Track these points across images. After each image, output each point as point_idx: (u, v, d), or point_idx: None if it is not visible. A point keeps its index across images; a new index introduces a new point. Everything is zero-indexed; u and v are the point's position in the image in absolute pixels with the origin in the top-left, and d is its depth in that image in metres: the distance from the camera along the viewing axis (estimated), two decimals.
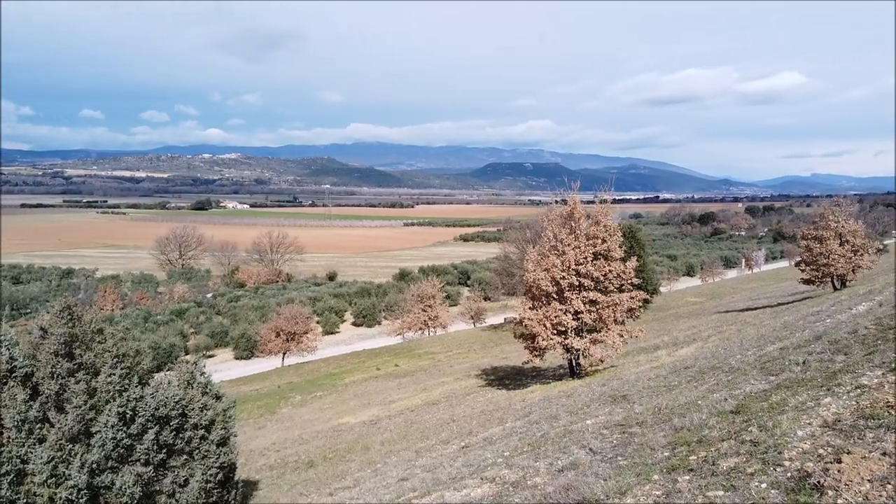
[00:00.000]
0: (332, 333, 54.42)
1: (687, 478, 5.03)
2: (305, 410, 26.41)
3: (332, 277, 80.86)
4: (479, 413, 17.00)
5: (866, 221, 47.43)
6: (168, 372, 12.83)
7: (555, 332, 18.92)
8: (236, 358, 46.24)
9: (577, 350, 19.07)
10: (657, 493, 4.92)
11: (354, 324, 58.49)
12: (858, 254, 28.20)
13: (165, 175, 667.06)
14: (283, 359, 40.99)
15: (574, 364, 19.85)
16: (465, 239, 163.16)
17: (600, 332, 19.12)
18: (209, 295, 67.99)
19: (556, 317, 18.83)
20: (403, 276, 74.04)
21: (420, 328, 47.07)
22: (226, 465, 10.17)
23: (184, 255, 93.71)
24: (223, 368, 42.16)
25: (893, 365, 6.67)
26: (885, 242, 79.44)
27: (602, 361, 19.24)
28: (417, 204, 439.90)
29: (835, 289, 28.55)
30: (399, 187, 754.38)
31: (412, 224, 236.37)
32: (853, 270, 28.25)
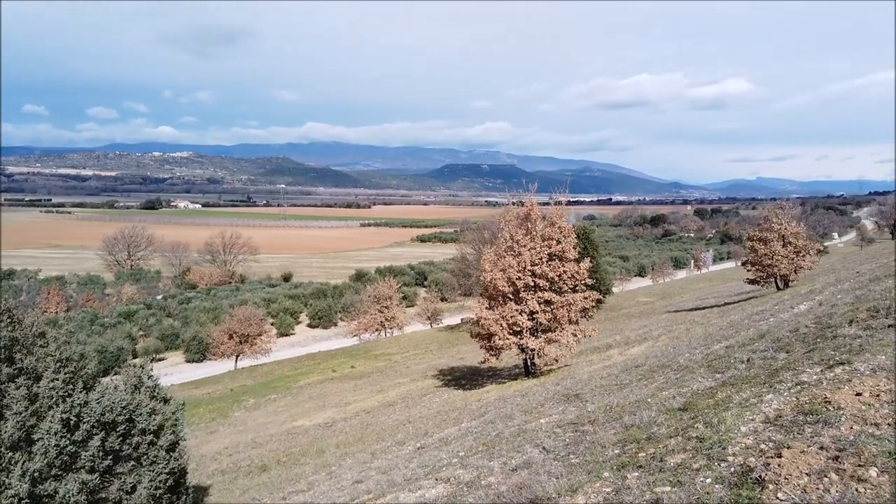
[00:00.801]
0: (286, 335, 53.68)
1: (636, 474, 5.15)
2: (259, 413, 25.96)
3: (287, 278, 79.72)
4: (435, 414, 17.02)
5: (808, 224, 49.49)
6: (115, 376, 12.44)
7: (510, 332, 19.12)
8: (188, 361, 45.17)
9: (532, 350, 19.31)
10: (607, 489, 5.02)
11: (310, 325, 57.80)
12: (800, 255, 29.36)
13: (113, 173, 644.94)
14: (236, 361, 40.21)
15: (529, 364, 20.08)
16: (422, 240, 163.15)
17: (555, 331, 19.41)
18: (159, 297, 66.20)
19: (511, 317, 19.02)
20: (360, 276, 73.54)
21: (376, 329, 46.85)
22: (175, 470, 9.91)
23: (133, 256, 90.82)
24: (174, 372, 41.13)
25: (831, 362, 6.97)
26: (826, 244, 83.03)
27: (556, 361, 19.52)
28: (374, 204, 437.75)
29: (778, 288, 29.64)
30: (356, 188, 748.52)
31: (369, 225, 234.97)
32: (795, 271, 29.39)
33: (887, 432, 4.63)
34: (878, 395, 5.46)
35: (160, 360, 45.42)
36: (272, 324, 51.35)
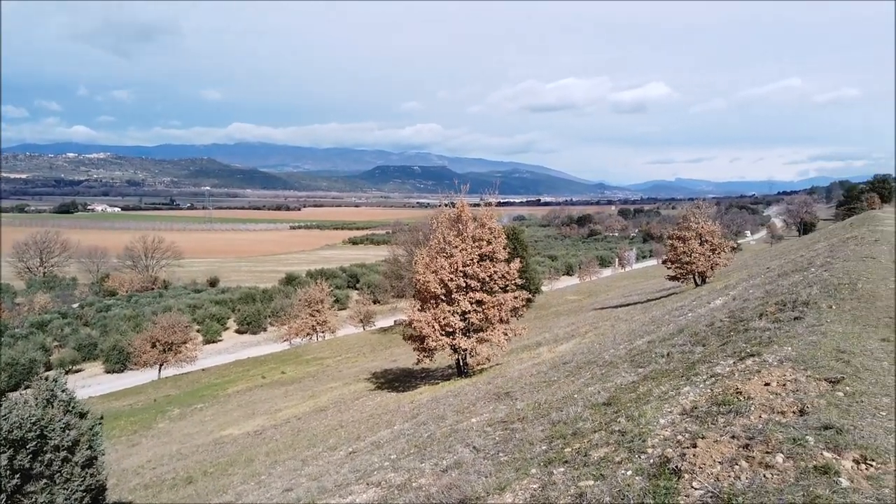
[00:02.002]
0: (213, 342, 51.96)
1: (562, 469, 5.27)
2: (185, 424, 25.01)
3: (213, 283, 77.16)
4: (367, 417, 16.87)
5: (723, 222, 52.10)
6: (25, 390, 11.68)
7: (443, 332, 19.21)
8: (107, 371, 43.00)
9: (465, 350, 19.47)
10: (534, 486, 5.12)
11: (238, 331, 56.17)
12: (716, 252, 30.90)
13: (24, 175, 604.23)
14: (159, 371, 38.62)
15: (462, 364, 20.23)
16: (354, 242, 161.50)
17: (486, 331, 19.64)
18: (75, 305, 62.69)
19: (444, 318, 19.11)
20: (290, 280, 72.04)
21: (308, 333, 46.05)
22: (93, 487, 9.42)
23: (45, 263, 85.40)
24: (92, 384, 39.10)
25: (743, 354, 7.36)
26: (739, 242, 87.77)
27: (488, 360, 19.75)
28: (304, 206, 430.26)
29: (696, 285, 31.08)
30: (285, 189, 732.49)
31: (299, 227, 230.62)
32: (712, 268, 30.90)
33: (792, 420, 4.93)
34: (784, 385, 5.81)
35: (77, 371, 43.03)
36: (198, 331, 49.61)
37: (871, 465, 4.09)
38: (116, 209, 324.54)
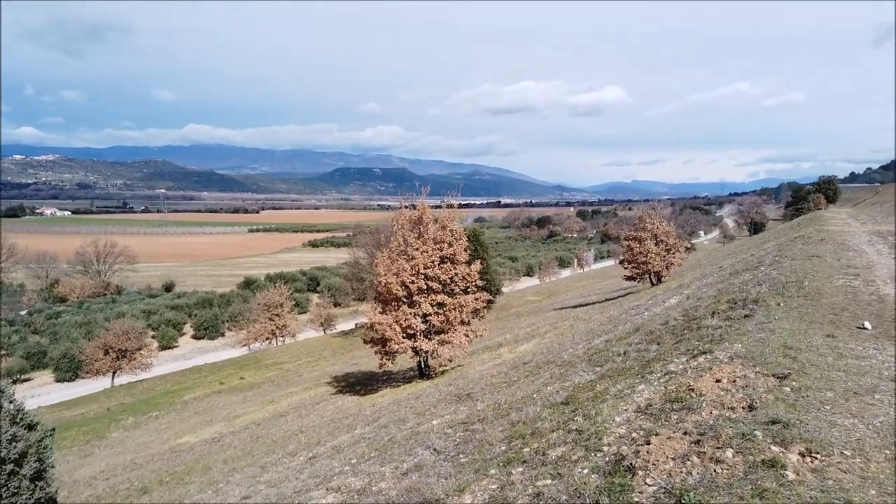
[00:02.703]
0: (169, 348, 50.74)
1: (520, 469, 5.31)
2: (139, 433, 24.35)
3: (168, 288, 75.25)
4: (328, 421, 16.70)
5: (677, 223, 53.42)
6: None
7: (405, 335, 19.16)
8: (58, 380, 41.57)
9: (426, 352, 19.45)
10: (493, 487, 5.15)
11: (195, 336, 54.93)
12: (671, 252, 31.62)
13: None
14: (112, 378, 37.49)
15: (423, 365, 20.21)
16: (314, 245, 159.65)
17: (448, 333, 19.66)
18: (23, 312, 60.30)
19: (405, 320, 19.06)
20: (248, 284, 70.76)
21: (267, 338, 45.33)
22: (43, 500, 9.13)
23: None
24: (42, 393, 37.81)
25: (695, 352, 7.54)
26: (693, 242, 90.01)
27: (450, 361, 19.78)
28: (263, 209, 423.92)
29: (652, 284, 31.73)
30: (243, 192, 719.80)
31: (257, 230, 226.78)
32: (667, 267, 31.60)
33: (742, 415, 5.08)
34: (734, 381, 5.98)
35: (25, 380, 41.51)
36: (153, 337, 48.36)
37: (816, 458, 4.25)
38: (66, 213, 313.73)
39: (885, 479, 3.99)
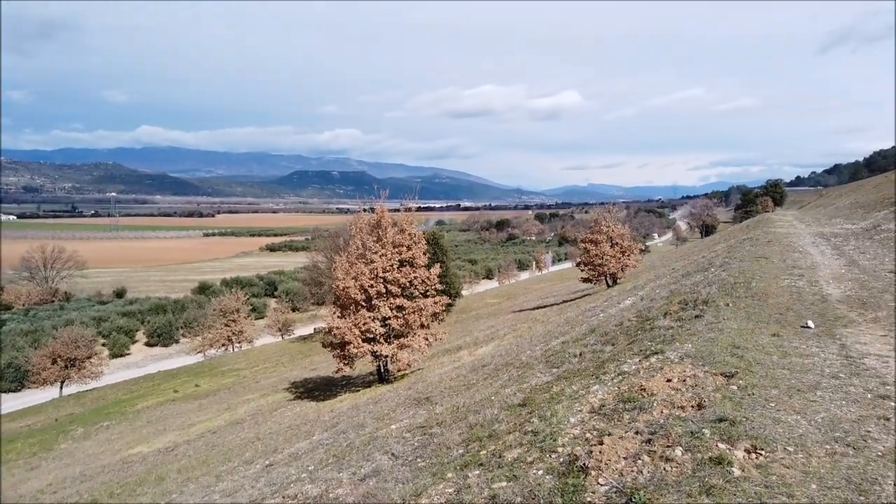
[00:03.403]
0: (121, 356, 49.29)
1: (477, 472, 5.34)
2: (90, 444, 23.57)
3: (120, 294, 73.03)
4: (286, 428, 16.47)
5: (632, 226, 54.53)
6: None
7: (364, 339, 19.04)
8: (2, 391, 39.88)
9: (386, 356, 19.37)
10: (449, 490, 5.16)
11: (148, 344, 53.47)
12: (626, 254, 32.25)
13: None
14: (61, 388, 36.25)
15: (383, 370, 20.11)
16: (271, 249, 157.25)
17: (407, 336, 19.62)
18: None
19: (364, 324, 18.94)
20: (204, 289, 69.22)
21: (223, 344, 44.47)
22: None
23: None
24: None
25: (648, 352, 7.71)
26: (648, 244, 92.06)
27: (409, 365, 19.73)
28: (219, 213, 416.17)
29: (608, 286, 32.29)
30: (197, 195, 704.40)
31: (213, 234, 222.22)
32: (622, 269, 32.21)
33: (691, 414, 5.22)
34: (684, 381, 6.13)
35: None
36: (104, 344, 46.92)
37: (761, 454, 4.39)
38: (11, 217, 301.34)
39: (825, 474, 4.15)
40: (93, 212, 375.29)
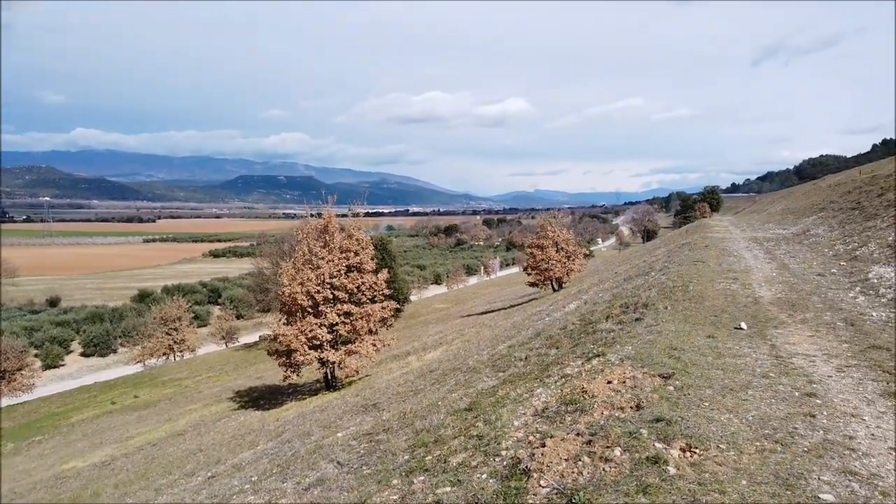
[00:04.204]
0: (54, 367, 47.07)
1: (422, 478, 5.34)
2: (20, 459, 22.43)
3: (53, 303, 69.72)
4: (229, 439, 16.07)
5: (576, 231, 55.63)
6: None
7: (310, 346, 18.78)
8: None
9: (333, 363, 19.15)
10: (394, 497, 5.14)
11: (84, 354, 51.23)
12: (571, 259, 32.88)
13: None
14: None
15: (330, 377, 19.88)
16: (214, 255, 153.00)
17: (355, 343, 19.45)
18: None
19: (311, 331, 18.69)
20: (143, 297, 66.80)
21: (164, 353, 43.08)
22: None
23: None
24: None
25: (590, 355, 7.88)
26: (592, 248, 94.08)
27: (357, 372, 19.56)
28: (160, 218, 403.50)
29: (553, 290, 32.84)
30: (137, 200, 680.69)
31: (153, 240, 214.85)
32: (567, 273, 32.83)
33: (630, 414, 5.36)
34: (624, 382, 6.30)
35: None
36: (36, 355, 44.67)
37: (695, 453, 4.55)
38: None
39: (755, 470, 4.33)
40: (24, 217, 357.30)
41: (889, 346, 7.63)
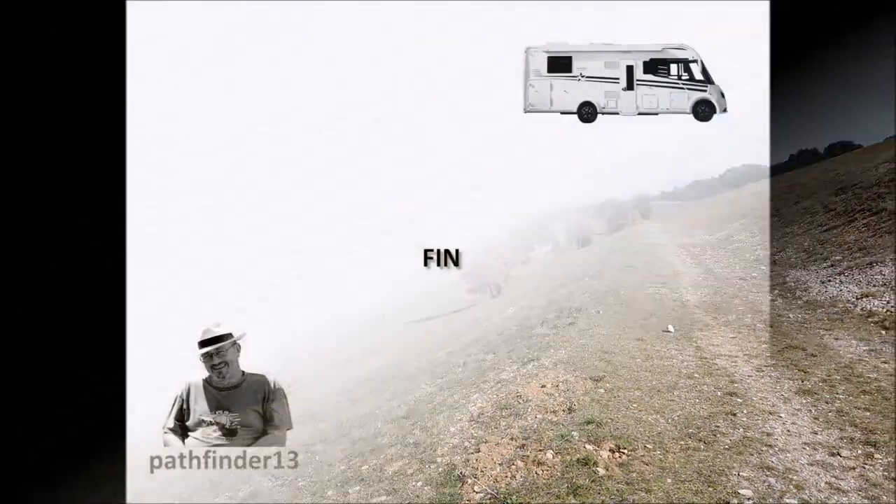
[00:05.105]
0: None
1: (357, 488, 5.30)
2: None
3: None
4: None
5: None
6: None
7: None
8: None
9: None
10: None
11: None
12: (509, 265, 33.29)
13: None
14: None
15: None
16: None
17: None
18: None
19: None
20: None
21: None
22: None
23: None
24: None
25: (525, 359, 8.01)
26: (530, 255, 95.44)
27: (295, 381, 19.16)
28: None
29: (493, 296, 33.10)
30: None
31: None
32: (505, 279, 33.16)
33: (562, 417, 5.49)
34: (557, 386, 6.44)
35: None
36: None
37: (624, 453, 4.70)
38: None
39: (679, 468, 4.51)
40: None
41: (804, 346, 8.08)
